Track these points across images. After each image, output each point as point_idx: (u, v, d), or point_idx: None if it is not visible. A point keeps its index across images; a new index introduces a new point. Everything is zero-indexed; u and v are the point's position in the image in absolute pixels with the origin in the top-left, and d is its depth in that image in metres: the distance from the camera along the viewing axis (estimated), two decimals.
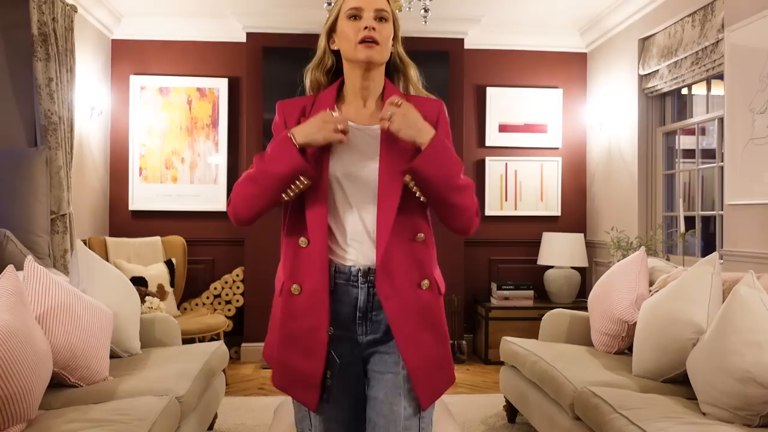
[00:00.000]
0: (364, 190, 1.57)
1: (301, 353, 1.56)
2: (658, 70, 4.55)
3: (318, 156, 1.56)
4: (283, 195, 1.54)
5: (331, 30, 1.64)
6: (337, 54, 1.66)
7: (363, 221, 1.57)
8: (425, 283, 1.58)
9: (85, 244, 3.80)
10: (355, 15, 1.57)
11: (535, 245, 5.51)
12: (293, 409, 1.66)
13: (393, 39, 1.64)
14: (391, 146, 1.56)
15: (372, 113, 1.63)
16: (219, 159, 5.43)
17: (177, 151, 5.41)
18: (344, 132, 1.52)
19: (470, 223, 1.62)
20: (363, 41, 1.55)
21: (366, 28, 1.55)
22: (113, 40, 5.37)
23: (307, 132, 1.53)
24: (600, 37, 5.37)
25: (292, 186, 1.53)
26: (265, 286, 5.15)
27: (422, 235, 1.59)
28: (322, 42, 1.67)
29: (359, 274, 1.57)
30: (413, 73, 1.69)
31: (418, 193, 1.54)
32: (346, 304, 1.58)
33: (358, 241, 1.57)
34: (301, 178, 1.52)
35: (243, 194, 1.58)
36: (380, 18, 1.58)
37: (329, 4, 3.83)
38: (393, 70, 1.70)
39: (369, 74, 1.62)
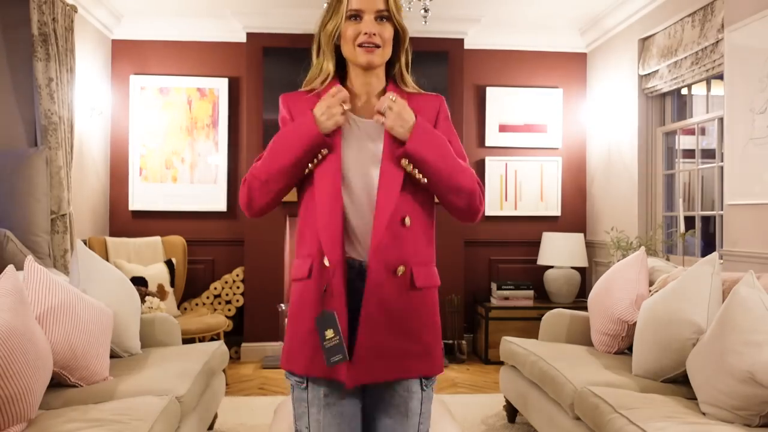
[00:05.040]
0: (365, 189, 1.58)
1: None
2: (658, 70, 4.55)
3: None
4: (306, 169, 1.57)
5: (332, 26, 1.61)
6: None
7: (363, 215, 1.57)
8: (400, 269, 1.55)
9: (85, 244, 3.80)
10: (356, 16, 1.57)
11: (535, 245, 5.51)
12: (293, 408, 1.65)
13: (398, 41, 1.63)
14: (393, 140, 1.58)
15: (373, 108, 1.63)
16: (219, 159, 5.43)
17: (177, 151, 5.41)
18: (345, 102, 1.56)
19: (476, 205, 1.61)
20: (362, 45, 1.56)
21: (366, 33, 1.55)
22: (113, 40, 5.37)
23: (319, 120, 1.55)
24: (600, 37, 5.37)
25: (314, 160, 1.56)
26: (266, 286, 5.22)
27: (408, 219, 1.57)
28: (321, 37, 1.65)
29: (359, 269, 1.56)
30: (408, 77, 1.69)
31: (419, 175, 1.55)
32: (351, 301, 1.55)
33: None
34: (322, 150, 1.55)
35: (261, 178, 1.58)
36: (381, 18, 1.57)
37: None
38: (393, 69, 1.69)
39: (369, 73, 1.63)
